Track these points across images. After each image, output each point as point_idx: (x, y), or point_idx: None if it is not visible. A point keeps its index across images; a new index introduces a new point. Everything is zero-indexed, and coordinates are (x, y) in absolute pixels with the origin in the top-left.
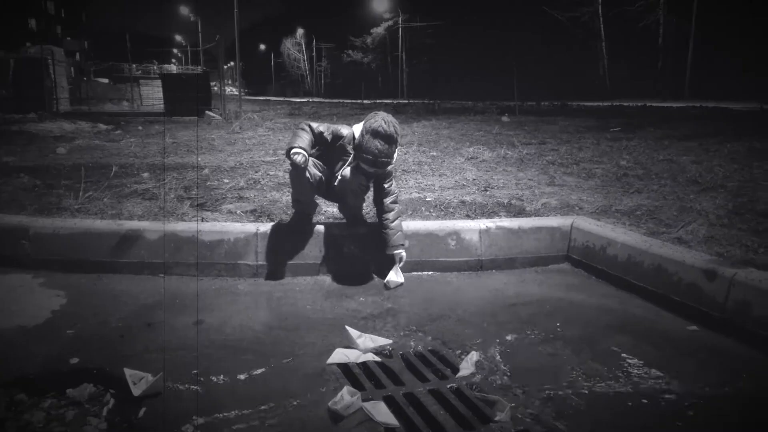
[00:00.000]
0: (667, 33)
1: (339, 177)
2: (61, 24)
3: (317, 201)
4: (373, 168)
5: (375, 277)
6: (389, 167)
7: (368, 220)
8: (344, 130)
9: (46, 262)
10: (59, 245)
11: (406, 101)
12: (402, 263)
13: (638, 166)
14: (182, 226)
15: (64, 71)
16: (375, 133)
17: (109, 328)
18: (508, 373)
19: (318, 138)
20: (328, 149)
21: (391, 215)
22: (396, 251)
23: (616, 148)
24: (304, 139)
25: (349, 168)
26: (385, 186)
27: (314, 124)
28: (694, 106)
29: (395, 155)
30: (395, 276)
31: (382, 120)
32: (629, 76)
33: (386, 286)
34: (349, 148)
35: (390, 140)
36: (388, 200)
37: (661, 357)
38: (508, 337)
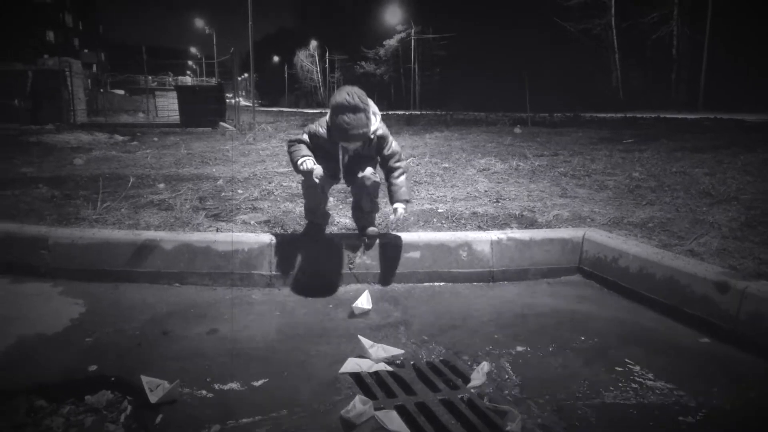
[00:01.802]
0: (681, 44)
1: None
2: (79, 36)
3: (329, 212)
4: (351, 142)
5: (387, 287)
6: (377, 132)
7: (380, 231)
8: (315, 127)
9: (64, 271)
10: (78, 255)
11: (419, 112)
12: (401, 215)
13: (651, 178)
14: (197, 237)
15: (81, 83)
16: (340, 108)
17: (126, 336)
18: (519, 384)
19: (305, 143)
20: (318, 148)
21: (396, 173)
22: (398, 204)
23: (629, 159)
24: (302, 149)
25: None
26: (386, 153)
27: (294, 137)
28: (708, 118)
29: (373, 123)
30: (364, 302)
31: (345, 93)
32: (643, 87)
33: (352, 312)
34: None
35: (356, 110)
36: (392, 162)
37: (672, 369)
38: (520, 348)
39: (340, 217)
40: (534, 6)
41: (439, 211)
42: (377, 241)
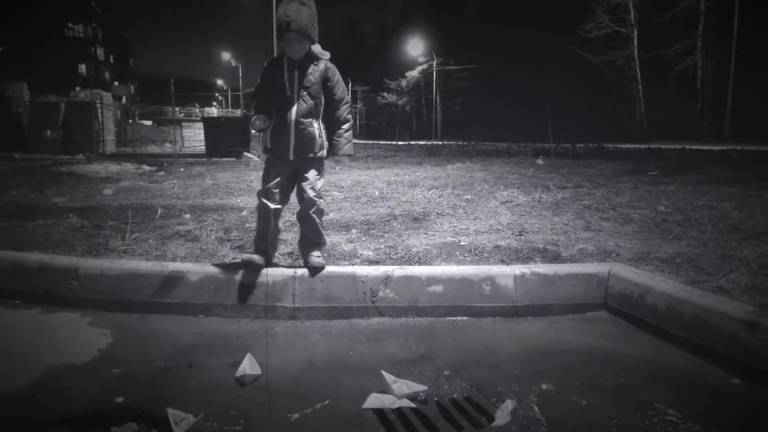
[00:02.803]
0: (705, 75)
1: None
2: (110, 69)
3: (278, 244)
4: (292, 34)
5: (409, 322)
6: (327, 61)
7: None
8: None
9: (93, 301)
10: (106, 285)
11: (441, 143)
12: (342, 165)
13: (677, 211)
14: (222, 268)
15: (111, 114)
16: (283, 2)
17: (152, 367)
18: (545, 424)
19: (260, 97)
20: (269, 84)
21: (346, 126)
22: (342, 159)
23: (654, 192)
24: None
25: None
26: (334, 92)
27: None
28: (734, 149)
29: (321, 48)
30: (247, 367)
31: None
32: (667, 118)
33: (242, 381)
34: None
35: (300, 2)
36: (341, 111)
37: (702, 411)
38: (544, 386)
39: (363, 250)
40: (556, 37)
41: (462, 244)
42: (397, 273)
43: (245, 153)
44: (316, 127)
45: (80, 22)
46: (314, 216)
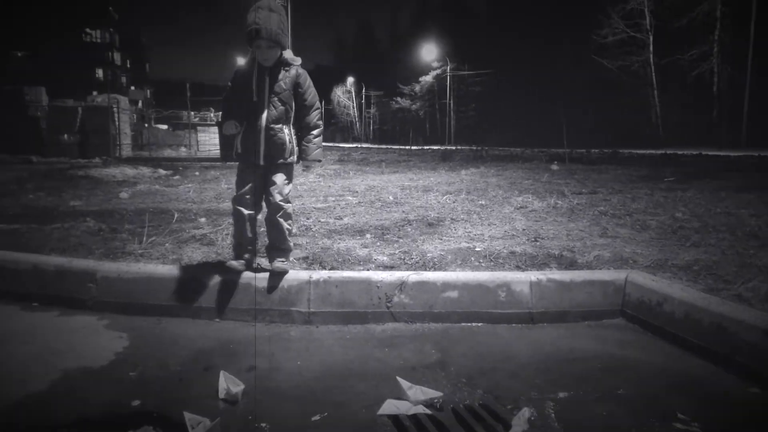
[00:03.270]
0: (721, 81)
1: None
2: (126, 74)
3: (256, 253)
4: (261, 40)
5: (424, 328)
6: (298, 66)
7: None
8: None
9: (110, 304)
10: (123, 289)
11: (454, 148)
12: (313, 172)
13: (695, 218)
14: (237, 272)
15: (127, 119)
16: (253, 8)
17: (168, 371)
18: None
19: (230, 103)
20: (238, 88)
21: (315, 131)
22: (311, 164)
23: (671, 199)
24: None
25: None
26: (305, 98)
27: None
28: (752, 155)
29: (292, 54)
30: (225, 385)
31: None
32: (683, 124)
33: (231, 400)
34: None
35: (263, 5)
36: (311, 117)
37: (721, 420)
38: (561, 394)
39: (378, 255)
40: (571, 43)
41: (477, 249)
42: (412, 279)
43: None
44: (287, 133)
45: (98, 28)
46: (281, 220)
